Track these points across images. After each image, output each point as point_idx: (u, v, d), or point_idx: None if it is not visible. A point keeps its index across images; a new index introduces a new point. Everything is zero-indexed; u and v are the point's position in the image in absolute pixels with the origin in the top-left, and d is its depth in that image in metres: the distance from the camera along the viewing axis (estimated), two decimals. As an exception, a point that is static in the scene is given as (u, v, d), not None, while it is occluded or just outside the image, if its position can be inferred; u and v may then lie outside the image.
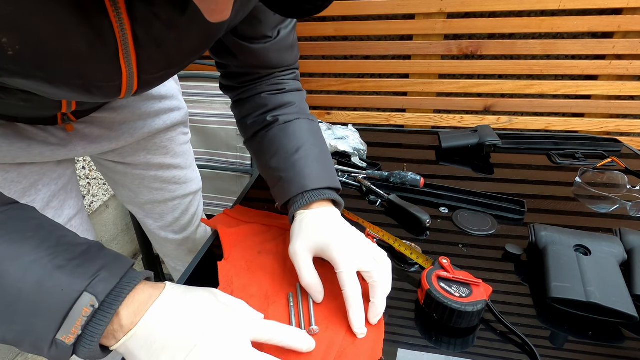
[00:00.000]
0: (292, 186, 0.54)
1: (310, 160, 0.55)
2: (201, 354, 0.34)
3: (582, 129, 1.37)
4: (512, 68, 1.33)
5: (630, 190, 0.72)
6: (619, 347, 0.44)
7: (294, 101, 0.60)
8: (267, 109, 0.59)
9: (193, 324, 0.36)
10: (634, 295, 0.47)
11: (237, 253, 0.58)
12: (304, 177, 0.54)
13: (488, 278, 0.52)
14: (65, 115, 0.58)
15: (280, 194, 0.56)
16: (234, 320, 0.38)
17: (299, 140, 0.57)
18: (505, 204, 0.69)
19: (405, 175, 0.74)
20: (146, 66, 0.43)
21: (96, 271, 0.34)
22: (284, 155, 0.56)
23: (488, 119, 1.43)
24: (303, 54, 1.47)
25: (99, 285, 0.34)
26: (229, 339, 0.36)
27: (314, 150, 0.57)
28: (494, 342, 0.45)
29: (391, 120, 1.52)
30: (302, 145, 0.56)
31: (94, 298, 0.33)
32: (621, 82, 1.28)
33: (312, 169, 0.55)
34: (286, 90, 0.61)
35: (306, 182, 0.53)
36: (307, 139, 0.57)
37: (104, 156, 0.74)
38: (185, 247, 0.92)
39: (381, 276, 0.47)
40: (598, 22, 1.20)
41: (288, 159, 0.55)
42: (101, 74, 0.40)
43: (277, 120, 0.58)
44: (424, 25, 1.32)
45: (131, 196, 0.82)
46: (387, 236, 0.59)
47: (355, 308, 0.45)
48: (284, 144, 0.56)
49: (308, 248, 0.49)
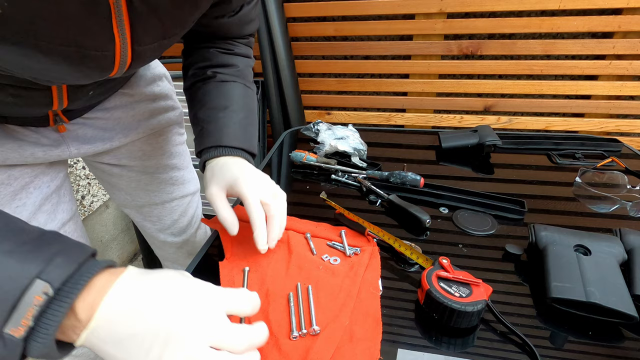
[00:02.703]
0: (210, 138, 0.58)
1: (232, 121, 0.59)
2: (177, 336, 0.31)
3: (582, 129, 1.37)
4: (512, 68, 1.33)
5: (630, 190, 0.72)
6: (619, 347, 0.45)
7: (238, 64, 0.64)
8: (210, 63, 0.62)
9: (159, 306, 0.32)
10: (634, 295, 0.47)
11: (238, 253, 0.58)
12: (222, 133, 0.58)
13: (488, 278, 0.52)
14: (57, 115, 0.57)
15: (198, 143, 0.60)
16: (206, 296, 0.35)
17: (228, 100, 0.61)
18: (505, 204, 0.69)
19: (405, 175, 0.74)
20: (140, 35, 0.42)
21: (51, 256, 0.30)
22: (211, 110, 0.60)
23: (488, 119, 1.43)
24: (303, 54, 1.47)
25: (54, 271, 0.29)
26: (203, 316, 0.33)
27: (239, 114, 0.61)
28: (494, 342, 0.45)
29: (391, 120, 1.52)
30: (230, 105, 0.60)
31: (47, 285, 0.29)
32: (621, 82, 1.28)
33: (231, 129, 0.59)
34: (234, 52, 0.64)
35: (223, 138, 0.58)
36: (237, 102, 0.61)
37: (98, 158, 0.73)
38: (185, 249, 0.91)
39: (278, 209, 0.54)
40: (598, 22, 1.20)
41: (213, 114, 0.59)
42: (93, 40, 0.39)
43: (215, 76, 0.62)
44: (424, 25, 1.32)
45: (128, 199, 0.81)
46: (387, 236, 0.59)
47: (260, 229, 0.51)
48: (214, 99, 0.60)
49: (221, 188, 0.54)
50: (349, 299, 0.49)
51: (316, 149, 0.90)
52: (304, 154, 0.86)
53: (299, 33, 1.44)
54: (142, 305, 0.32)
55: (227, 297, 0.36)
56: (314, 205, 0.73)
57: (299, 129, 1.07)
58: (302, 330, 0.45)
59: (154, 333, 0.31)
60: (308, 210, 0.71)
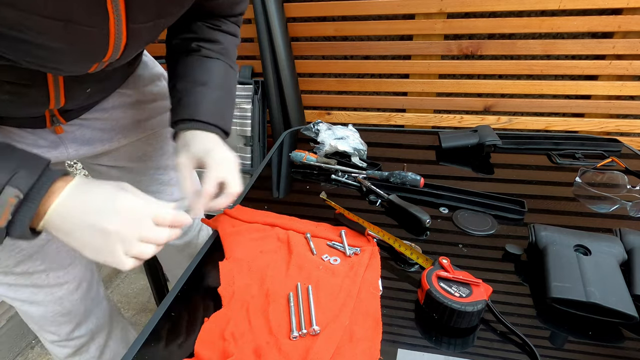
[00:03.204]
0: (186, 110, 0.59)
1: (210, 98, 0.60)
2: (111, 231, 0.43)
3: (582, 129, 1.37)
4: (512, 68, 1.33)
5: (630, 190, 0.72)
6: (619, 347, 0.45)
7: (223, 42, 0.63)
8: (195, 36, 0.62)
9: (97, 209, 0.43)
10: (634, 295, 0.47)
11: (239, 253, 0.58)
12: (199, 107, 0.59)
13: (488, 278, 0.52)
14: (54, 116, 0.57)
15: (175, 113, 0.61)
16: (135, 204, 0.45)
17: (209, 76, 0.61)
18: (505, 204, 0.69)
19: (405, 175, 0.74)
20: (135, 12, 0.41)
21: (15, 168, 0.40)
22: (190, 83, 0.60)
23: (488, 119, 1.43)
24: (303, 54, 1.47)
25: (21, 180, 0.39)
26: (131, 218, 0.44)
27: (217, 92, 0.61)
28: (494, 342, 0.45)
29: (391, 120, 1.52)
30: (210, 82, 0.61)
31: (18, 191, 0.39)
32: (621, 82, 1.28)
33: (208, 105, 0.60)
34: (221, 29, 0.63)
35: (199, 113, 0.59)
36: (217, 79, 0.62)
37: (97, 160, 0.73)
38: (187, 252, 0.90)
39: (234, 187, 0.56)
40: (598, 22, 1.20)
41: (192, 87, 0.60)
42: (86, 15, 0.38)
43: (200, 50, 0.61)
44: (424, 25, 1.32)
45: None
46: (387, 236, 0.59)
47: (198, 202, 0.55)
48: (195, 73, 0.61)
49: (189, 158, 0.57)
50: (349, 299, 0.49)
51: (316, 149, 0.90)
52: (304, 154, 0.86)
53: (299, 33, 1.44)
54: (83, 206, 0.43)
55: (152, 207, 0.47)
56: (314, 205, 0.73)
57: (299, 129, 1.07)
58: (302, 330, 0.45)
59: (93, 228, 0.43)
60: (308, 210, 0.71)
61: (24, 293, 0.67)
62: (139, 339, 0.47)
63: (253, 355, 0.42)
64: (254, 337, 0.44)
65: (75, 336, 0.76)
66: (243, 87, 1.47)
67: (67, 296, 0.71)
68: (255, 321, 0.46)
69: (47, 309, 0.70)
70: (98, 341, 0.81)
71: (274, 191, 0.81)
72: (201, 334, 0.45)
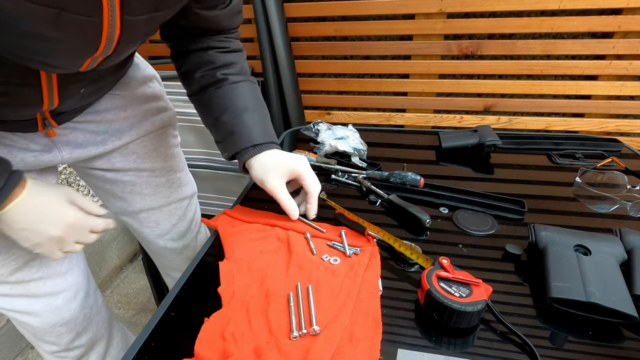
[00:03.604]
0: (244, 139, 0.64)
1: (255, 120, 0.65)
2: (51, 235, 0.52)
3: (582, 129, 1.37)
4: (512, 68, 1.33)
5: (630, 190, 0.72)
6: (619, 347, 0.45)
7: (237, 61, 0.67)
8: (215, 65, 0.65)
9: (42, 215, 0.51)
10: (634, 295, 0.47)
11: (238, 253, 0.58)
12: (253, 133, 0.64)
13: (488, 278, 0.52)
14: (46, 119, 0.57)
15: (232, 145, 0.65)
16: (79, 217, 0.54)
17: (246, 101, 0.65)
18: (505, 204, 0.69)
19: (405, 175, 0.74)
20: (131, 3, 0.41)
21: None
22: (235, 113, 0.64)
23: (488, 119, 1.43)
24: (303, 54, 1.47)
25: None
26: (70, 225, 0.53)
27: (258, 113, 0.66)
28: (494, 342, 0.45)
29: (391, 120, 1.52)
30: (249, 106, 0.65)
31: None
32: (621, 82, 1.28)
33: (258, 128, 0.65)
34: (230, 49, 0.66)
35: (256, 137, 0.64)
36: (253, 102, 0.67)
37: (91, 164, 0.72)
38: (185, 254, 0.90)
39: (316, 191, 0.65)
40: (598, 22, 1.20)
41: (238, 116, 0.64)
42: (80, 1, 0.37)
43: (227, 79, 0.65)
44: (424, 25, 1.32)
45: (123, 206, 0.80)
46: (387, 236, 0.59)
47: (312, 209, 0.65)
48: (235, 102, 0.64)
49: (280, 178, 0.63)
50: (349, 299, 0.49)
51: (316, 149, 0.90)
52: (304, 154, 0.86)
53: (299, 33, 1.44)
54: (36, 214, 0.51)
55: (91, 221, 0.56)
56: (314, 205, 0.73)
57: (299, 129, 1.07)
58: (302, 330, 0.45)
59: (41, 233, 0.52)
60: (308, 210, 0.71)
61: (20, 303, 0.66)
62: (139, 339, 0.47)
63: (253, 355, 0.42)
64: (254, 337, 0.44)
65: (76, 346, 0.75)
66: (243, 87, 1.47)
67: (64, 305, 0.70)
68: (255, 321, 0.46)
69: (45, 319, 0.69)
70: (98, 350, 0.80)
71: (274, 191, 0.81)
72: (201, 334, 0.45)
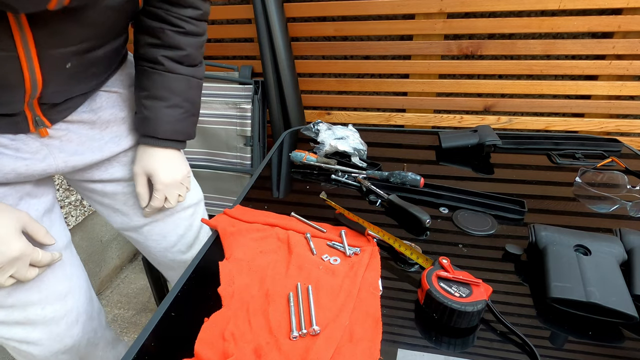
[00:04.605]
0: (150, 127, 0.66)
1: (170, 117, 0.67)
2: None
3: (582, 129, 1.37)
4: (512, 68, 1.33)
5: (630, 190, 0.72)
6: (619, 347, 0.45)
7: (186, 47, 0.65)
8: (159, 42, 0.64)
9: None
10: (634, 295, 0.47)
11: (238, 253, 0.58)
12: (161, 126, 0.66)
13: (488, 278, 0.52)
14: (37, 116, 0.55)
15: (140, 126, 0.68)
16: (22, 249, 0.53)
17: (172, 94, 0.66)
18: (505, 204, 0.69)
19: (405, 175, 0.74)
20: None
21: None
22: (155, 100, 0.66)
23: (488, 119, 1.43)
24: (303, 54, 1.47)
25: None
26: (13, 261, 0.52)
27: (177, 110, 0.67)
28: (494, 342, 0.45)
29: (391, 120, 1.52)
30: (171, 98, 0.66)
31: None
32: (621, 82, 1.28)
33: (168, 125, 0.67)
34: (185, 31, 0.64)
35: (161, 130, 0.67)
36: (179, 97, 0.67)
37: (88, 175, 0.70)
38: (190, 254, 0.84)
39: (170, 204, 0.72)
40: (598, 22, 1.20)
41: (157, 105, 0.66)
42: None
43: (163, 64, 0.64)
44: (424, 25, 1.32)
45: (125, 220, 0.77)
46: (387, 236, 0.59)
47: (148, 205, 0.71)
48: (159, 91, 0.65)
49: (143, 170, 0.68)
50: (349, 299, 0.49)
51: (316, 149, 0.90)
52: (304, 154, 0.86)
53: (299, 33, 1.44)
54: None
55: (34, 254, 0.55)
56: (314, 205, 0.73)
57: (299, 129, 1.07)
58: (302, 330, 0.45)
59: None
60: (308, 210, 0.71)
61: (18, 332, 0.63)
62: (139, 339, 0.47)
63: (253, 355, 0.42)
64: (254, 337, 0.44)
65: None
66: (243, 87, 1.47)
67: (66, 331, 0.67)
68: (255, 321, 0.46)
69: (47, 348, 0.65)
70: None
71: (274, 191, 0.81)
72: (201, 334, 0.45)
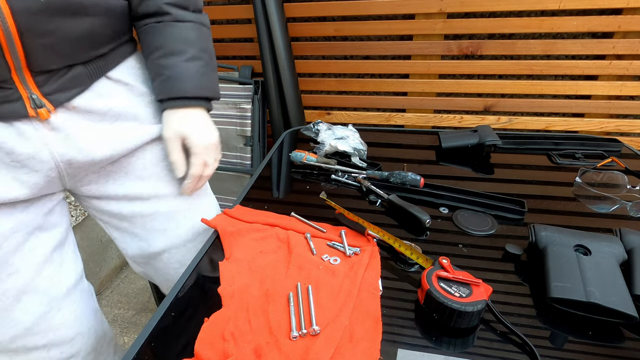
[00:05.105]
0: (174, 87, 0.59)
1: (192, 70, 0.60)
2: None
3: (582, 129, 1.37)
4: (512, 68, 1.33)
5: (630, 190, 0.72)
6: (619, 347, 0.45)
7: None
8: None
9: None
10: (634, 295, 0.47)
11: (238, 253, 0.58)
12: (186, 83, 0.59)
13: (488, 278, 0.52)
14: (33, 94, 0.48)
15: (163, 89, 0.60)
16: None
17: (187, 45, 0.59)
18: (505, 204, 0.69)
19: (405, 175, 0.74)
20: None
21: None
22: (172, 56, 0.59)
23: (488, 119, 1.43)
24: (303, 54, 1.47)
25: None
26: None
27: (198, 62, 0.60)
28: (494, 342, 0.45)
29: (391, 120, 1.52)
30: (188, 51, 0.59)
31: None
32: (621, 82, 1.28)
33: (193, 80, 0.60)
34: None
35: (188, 88, 0.59)
36: (195, 47, 0.60)
37: (103, 189, 0.62)
38: None
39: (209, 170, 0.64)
40: (598, 22, 1.20)
41: (176, 61, 0.59)
42: None
43: (170, 14, 0.58)
44: (424, 25, 1.32)
45: (144, 247, 0.68)
46: (387, 236, 0.59)
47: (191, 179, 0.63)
48: (174, 44, 0.59)
49: (177, 135, 0.60)
50: (349, 299, 0.49)
51: (316, 149, 0.90)
52: (304, 154, 0.86)
53: (299, 33, 1.44)
54: None
55: None
56: (314, 205, 0.73)
57: (299, 129, 1.07)
58: (302, 330, 0.45)
59: None
60: (308, 210, 0.71)
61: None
62: (139, 339, 0.47)
63: (253, 355, 0.42)
64: (254, 337, 0.44)
65: None
66: (243, 87, 1.47)
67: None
68: (255, 321, 0.46)
69: None
70: None
71: (274, 191, 0.81)
72: (201, 334, 0.45)
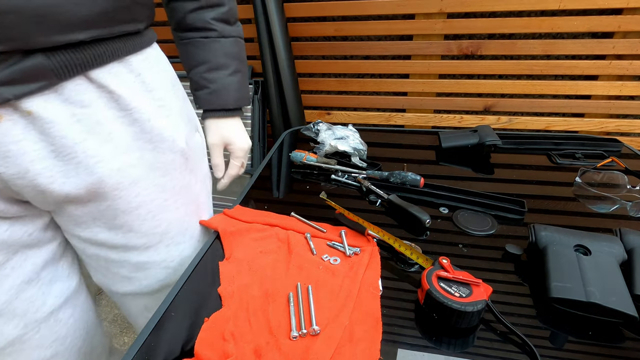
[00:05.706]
0: (219, 99, 0.68)
1: (234, 84, 0.69)
2: None
3: (582, 129, 1.37)
4: (512, 68, 1.33)
5: (630, 190, 0.72)
6: (619, 347, 0.45)
7: (226, 3, 0.65)
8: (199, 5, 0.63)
9: None
10: (634, 295, 0.47)
11: (238, 253, 0.58)
12: (230, 96, 0.68)
13: (488, 278, 0.52)
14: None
15: (208, 101, 0.68)
16: None
17: (231, 59, 0.67)
18: (505, 204, 0.69)
19: (405, 175, 0.74)
20: None
21: None
22: (218, 71, 0.67)
23: (488, 119, 1.43)
24: (303, 54, 1.47)
25: None
26: None
27: (238, 75, 0.69)
28: (494, 342, 0.45)
29: (391, 120, 1.52)
30: (231, 66, 0.68)
31: None
32: (621, 82, 1.28)
33: (234, 92, 0.69)
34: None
35: (231, 100, 0.69)
36: (236, 61, 0.69)
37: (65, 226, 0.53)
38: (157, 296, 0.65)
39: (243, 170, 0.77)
40: (598, 22, 1.20)
41: (221, 75, 0.67)
42: None
43: (216, 30, 0.65)
44: (424, 25, 1.32)
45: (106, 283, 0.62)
46: (387, 236, 0.59)
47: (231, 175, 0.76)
48: (220, 59, 0.67)
49: (221, 141, 0.72)
50: (349, 299, 0.49)
51: (316, 149, 0.90)
52: (304, 154, 0.86)
53: (299, 33, 1.44)
54: None
55: None
56: (314, 205, 0.73)
57: (299, 129, 1.07)
58: (302, 330, 0.45)
59: None
60: (308, 210, 0.71)
61: None
62: (139, 339, 0.47)
63: (253, 355, 0.42)
64: (254, 337, 0.44)
65: None
66: (243, 87, 1.47)
67: None
68: (255, 321, 0.46)
69: None
70: None
71: (274, 191, 0.81)
72: (201, 334, 0.45)
